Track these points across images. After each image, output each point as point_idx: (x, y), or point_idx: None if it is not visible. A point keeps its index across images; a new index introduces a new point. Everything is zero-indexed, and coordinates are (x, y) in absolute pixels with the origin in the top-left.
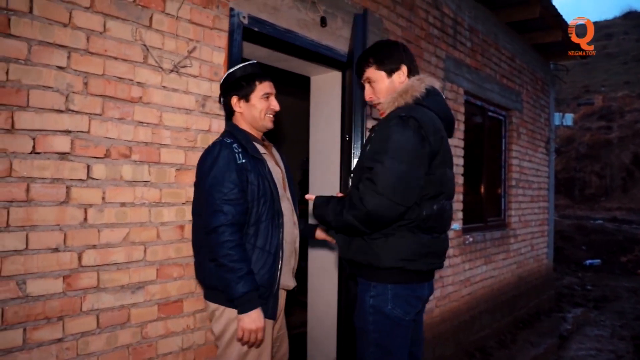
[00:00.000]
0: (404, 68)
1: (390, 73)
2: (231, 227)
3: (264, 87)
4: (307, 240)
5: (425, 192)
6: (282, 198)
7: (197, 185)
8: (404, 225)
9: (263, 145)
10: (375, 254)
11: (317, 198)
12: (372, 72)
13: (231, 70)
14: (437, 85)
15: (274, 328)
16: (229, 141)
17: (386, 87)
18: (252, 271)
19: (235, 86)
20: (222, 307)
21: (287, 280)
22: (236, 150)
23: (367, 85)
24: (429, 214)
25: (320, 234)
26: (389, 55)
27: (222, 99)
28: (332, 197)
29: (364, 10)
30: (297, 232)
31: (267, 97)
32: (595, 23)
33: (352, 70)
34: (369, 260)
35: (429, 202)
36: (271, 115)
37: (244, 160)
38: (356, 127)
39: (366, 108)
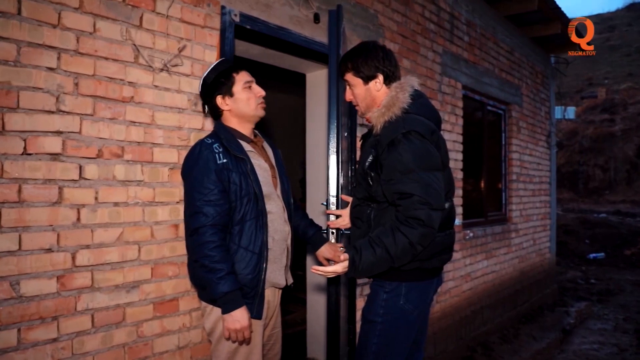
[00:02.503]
0: (380, 77)
1: (366, 80)
2: (212, 228)
3: (242, 77)
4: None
5: None
6: (270, 196)
7: (184, 186)
8: None
9: (252, 141)
10: None
11: (350, 254)
12: (350, 77)
13: (203, 75)
14: (417, 83)
15: (266, 327)
16: (210, 141)
17: (363, 94)
18: (233, 272)
19: (216, 86)
20: (211, 305)
21: (277, 278)
22: (216, 151)
23: (347, 87)
24: (444, 213)
25: (326, 252)
26: (365, 63)
27: (205, 106)
28: (359, 250)
29: (338, 7)
30: (288, 228)
31: (250, 86)
32: (598, 15)
33: (329, 68)
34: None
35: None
36: (261, 103)
37: (224, 160)
38: (353, 125)
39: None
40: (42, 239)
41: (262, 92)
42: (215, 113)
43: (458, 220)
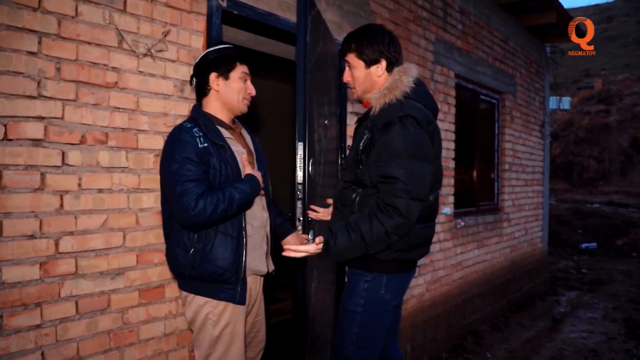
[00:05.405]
0: (384, 62)
1: (368, 64)
2: (201, 196)
3: (243, 68)
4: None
5: None
6: None
7: (162, 172)
8: None
9: (230, 127)
10: None
11: (326, 237)
12: (352, 59)
13: (211, 49)
14: (417, 72)
15: (249, 314)
16: (189, 125)
17: (363, 77)
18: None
19: (216, 64)
20: (191, 295)
21: (258, 265)
22: (197, 135)
23: (347, 67)
24: (427, 205)
25: (292, 242)
26: (370, 46)
27: (195, 80)
28: (335, 234)
29: None
30: (266, 215)
31: (245, 79)
32: (596, 5)
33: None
34: (367, 255)
35: (428, 193)
36: (247, 99)
37: (205, 144)
38: (343, 112)
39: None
40: (24, 226)
41: (254, 92)
42: (201, 90)
43: (449, 210)
